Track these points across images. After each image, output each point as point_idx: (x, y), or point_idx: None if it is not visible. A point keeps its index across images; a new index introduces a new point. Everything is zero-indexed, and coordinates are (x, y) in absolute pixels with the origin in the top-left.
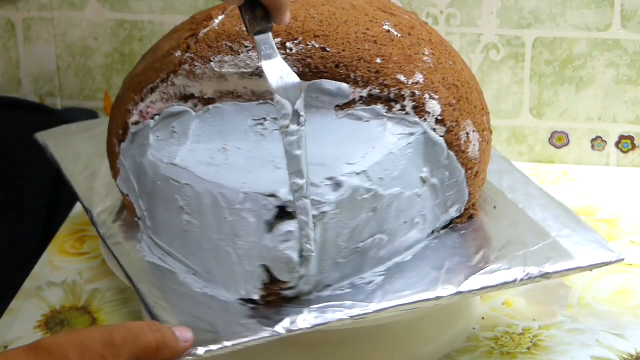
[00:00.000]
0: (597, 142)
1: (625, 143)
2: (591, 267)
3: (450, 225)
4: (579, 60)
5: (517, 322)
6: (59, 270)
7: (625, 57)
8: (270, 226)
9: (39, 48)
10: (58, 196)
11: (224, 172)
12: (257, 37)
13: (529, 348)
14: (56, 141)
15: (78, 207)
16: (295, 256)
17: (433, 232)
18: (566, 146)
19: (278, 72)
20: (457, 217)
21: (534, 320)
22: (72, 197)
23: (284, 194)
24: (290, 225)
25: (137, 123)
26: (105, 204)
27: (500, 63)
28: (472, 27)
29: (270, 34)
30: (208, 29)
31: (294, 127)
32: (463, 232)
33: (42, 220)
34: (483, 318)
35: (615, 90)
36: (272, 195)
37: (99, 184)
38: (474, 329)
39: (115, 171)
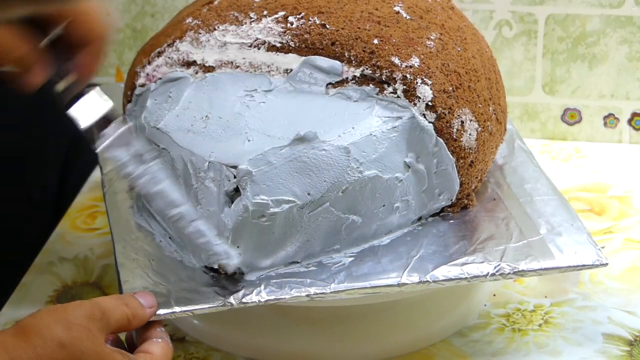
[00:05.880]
0: (610, 119)
1: (637, 120)
2: (568, 269)
3: (442, 214)
4: (591, 37)
5: (529, 299)
6: (71, 246)
7: (638, 34)
8: (231, 198)
9: None
10: (70, 172)
11: (199, 140)
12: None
13: (540, 325)
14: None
15: (89, 183)
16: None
17: (420, 218)
18: (578, 123)
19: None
20: (450, 206)
21: (546, 297)
22: (84, 172)
23: (244, 166)
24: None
25: (142, 85)
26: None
27: (513, 39)
28: (484, 3)
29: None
30: None
31: (139, 168)
32: (452, 221)
33: (54, 195)
34: (494, 295)
35: (628, 67)
36: (234, 167)
37: None
38: (485, 305)
39: None
